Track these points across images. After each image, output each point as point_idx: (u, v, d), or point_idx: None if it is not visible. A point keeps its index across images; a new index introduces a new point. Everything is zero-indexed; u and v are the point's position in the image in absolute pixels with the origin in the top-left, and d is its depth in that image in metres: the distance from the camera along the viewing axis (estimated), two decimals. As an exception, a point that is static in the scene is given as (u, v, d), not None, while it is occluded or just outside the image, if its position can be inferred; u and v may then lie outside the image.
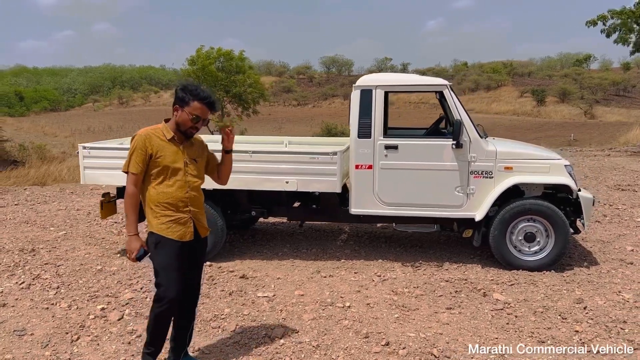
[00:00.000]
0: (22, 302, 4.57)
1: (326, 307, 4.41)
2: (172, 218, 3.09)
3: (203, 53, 19.45)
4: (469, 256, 5.71)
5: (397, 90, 5.62)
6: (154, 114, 47.59)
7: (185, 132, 3.11)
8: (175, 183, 3.09)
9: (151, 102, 62.17)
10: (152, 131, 3.10)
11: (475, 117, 27.84)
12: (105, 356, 3.64)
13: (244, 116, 21.29)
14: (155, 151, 3.03)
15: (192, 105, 3.03)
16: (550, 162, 5.18)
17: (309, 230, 6.92)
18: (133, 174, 3.03)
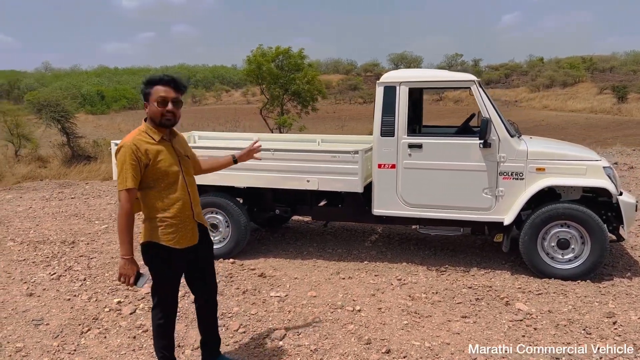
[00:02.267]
0: (48, 293, 4.77)
1: (335, 310, 4.30)
2: (179, 226, 2.93)
3: (259, 52, 19.66)
4: (500, 262, 5.39)
5: (422, 86, 5.39)
6: (224, 112, 48.82)
7: (162, 123, 2.89)
8: (176, 186, 2.93)
9: (222, 101, 63.90)
10: (138, 138, 2.85)
11: (549, 115, 26.58)
12: (108, 349, 3.73)
13: (302, 114, 21.36)
14: (151, 158, 2.83)
15: (153, 92, 2.86)
16: (587, 163, 4.78)
17: (340, 230, 6.81)
18: (130, 189, 2.77)
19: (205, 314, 3.31)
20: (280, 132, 20.77)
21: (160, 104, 2.86)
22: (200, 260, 3.18)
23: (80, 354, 3.65)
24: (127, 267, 2.82)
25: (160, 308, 3.03)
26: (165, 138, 2.96)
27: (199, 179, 5.49)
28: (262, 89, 21.32)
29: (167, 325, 3.09)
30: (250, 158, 3.55)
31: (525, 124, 31.24)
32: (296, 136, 7.09)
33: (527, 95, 45.52)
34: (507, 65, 58.54)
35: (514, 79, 52.96)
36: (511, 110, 40.15)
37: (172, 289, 3.06)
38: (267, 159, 5.32)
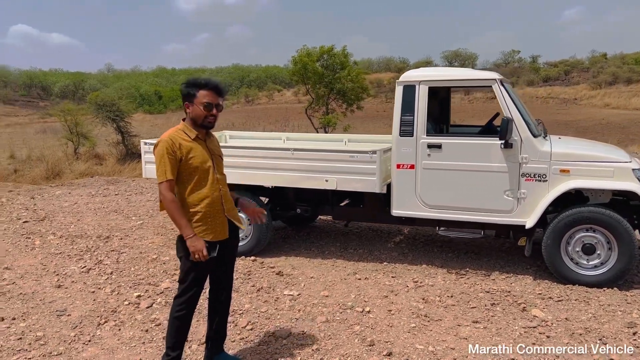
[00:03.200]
0: (76, 285, 5.00)
1: (344, 310, 4.29)
2: (208, 220, 3.05)
3: (304, 52, 19.77)
4: (524, 267, 5.22)
5: (442, 85, 5.27)
6: (276, 111, 49.52)
7: (204, 125, 3.06)
8: (208, 183, 3.05)
9: (274, 100, 64.65)
10: (175, 134, 3.02)
11: (610, 114, 25.43)
12: (120, 341, 3.87)
13: (348, 112, 21.32)
14: (184, 153, 2.97)
15: (199, 96, 3.00)
16: (615, 165, 4.55)
17: (365, 230, 6.78)
18: (169, 180, 2.94)
19: (219, 309, 3.38)
20: (325, 131, 20.84)
21: (206, 108, 3.03)
22: (227, 256, 3.28)
23: (94, 345, 3.81)
24: (195, 243, 2.94)
25: (185, 298, 3.13)
26: (200, 137, 3.11)
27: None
28: (307, 88, 21.43)
29: (187, 317, 3.17)
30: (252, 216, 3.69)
31: (584, 122, 30.09)
32: (324, 136, 7.11)
33: (587, 92, 43.62)
34: (568, 61, 56.17)
35: (574, 75, 50.83)
36: (570, 109, 38.64)
37: (201, 282, 3.16)
38: (286, 159, 5.38)
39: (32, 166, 17.53)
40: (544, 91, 46.48)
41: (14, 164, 18.32)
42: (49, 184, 12.32)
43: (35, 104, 56.70)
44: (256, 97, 66.59)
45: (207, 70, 77.36)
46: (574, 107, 39.11)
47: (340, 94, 20.48)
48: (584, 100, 42.02)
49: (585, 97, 42.47)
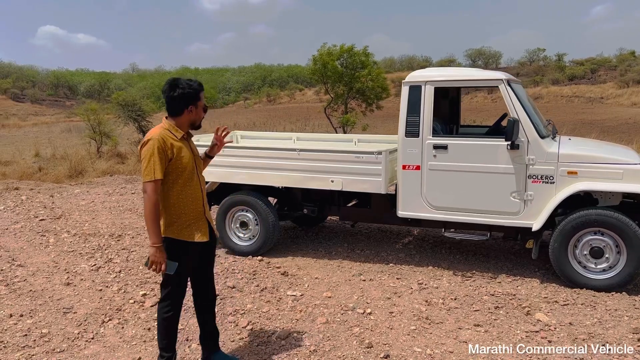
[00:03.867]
0: (84, 283, 5.09)
1: (346, 312, 4.28)
2: (193, 221, 3.07)
3: (324, 51, 19.76)
4: (532, 270, 5.14)
5: (448, 85, 5.21)
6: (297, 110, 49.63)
7: (197, 126, 3.14)
8: (193, 183, 3.07)
9: (296, 100, 64.79)
10: (164, 133, 2.99)
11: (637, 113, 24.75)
12: (123, 339, 3.93)
13: (367, 112, 21.26)
14: (175, 153, 2.97)
15: (201, 97, 3.07)
16: (624, 167, 4.45)
17: (374, 231, 6.75)
18: (157, 180, 2.90)
19: (204, 308, 3.41)
20: (344, 131, 20.81)
21: (204, 110, 3.12)
22: (206, 257, 3.31)
23: (96, 342, 3.88)
24: (158, 254, 2.92)
25: (169, 301, 3.15)
26: (185, 137, 3.13)
27: (229, 178, 5.67)
28: (326, 87, 21.42)
29: (174, 319, 3.20)
30: (222, 145, 3.53)
31: (609, 122, 29.43)
32: (334, 136, 7.11)
33: (614, 91, 42.70)
34: (594, 59, 55.09)
35: (600, 74, 49.79)
36: (595, 108, 37.85)
37: (183, 283, 3.19)
38: (292, 159, 5.39)
39: (56, 164, 17.89)
40: (569, 90, 45.62)
41: (38, 162, 18.71)
42: (71, 182, 12.56)
43: (62, 104, 57.90)
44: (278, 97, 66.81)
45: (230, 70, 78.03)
46: (599, 106, 38.30)
47: (359, 93, 20.42)
48: (610, 99, 41.14)
49: (612, 95, 41.58)
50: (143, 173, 2.94)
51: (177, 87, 3.01)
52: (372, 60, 20.76)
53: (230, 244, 5.82)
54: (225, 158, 5.62)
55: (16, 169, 16.25)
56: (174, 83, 3.03)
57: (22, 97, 55.51)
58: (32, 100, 55.38)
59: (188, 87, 3.02)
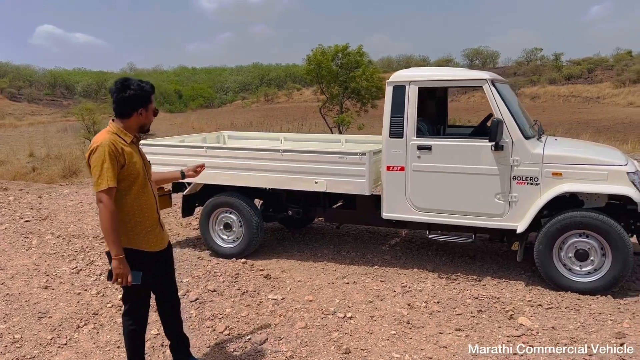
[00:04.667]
0: (63, 286, 5.01)
1: (326, 316, 4.20)
2: (149, 229, 2.96)
3: (319, 50, 19.70)
4: (518, 272, 5.07)
5: (432, 85, 5.13)
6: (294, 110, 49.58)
7: (145, 129, 2.99)
8: (147, 189, 2.95)
9: (293, 99, 64.69)
10: (113, 138, 2.83)
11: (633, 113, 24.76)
12: (96, 345, 3.85)
13: (363, 112, 21.20)
14: (126, 158, 2.83)
15: (152, 100, 2.93)
16: (608, 168, 4.37)
17: (362, 233, 6.68)
18: (112, 187, 2.75)
19: (169, 317, 3.33)
20: (339, 130, 20.75)
21: (154, 113, 2.99)
22: (166, 264, 3.21)
23: (68, 348, 3.80)
24: (121, 266, 2.80)
25: (133, 314, 3.05)
26: (134, 141, 2.99)
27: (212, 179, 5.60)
28: (321, 87, 21.36)
29: (140, 332, 3.10)
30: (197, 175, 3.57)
31: (605, 121, 29.42)
32: (322, 136, 7.03)
33: (611, 91, 42.67)
34: (591, 59, 54.99)
35: (597, 73, 49.73)
36: (592, 107, 37.81)
37: (146, 294, 3.09)
38: (276, 160, 5.32)
39: (50, 164, 17.80)
40: (566, 89, 45.59)
41: (32, 162, 18.61)
42: (64, 182, 12.46)
43: (58, 103, 57.77)
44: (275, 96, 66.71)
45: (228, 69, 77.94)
46: (596, 106, 38.27)
47: (354, 93, 20.37)
48: (607, 98, 41.11)
49: (609, 95, 41.55)
50: (96, 182, 2.76)
51: (127, 88, 2.84)
52: (367, 59, 20.73)
53: (213, 246, 5.74)
54: (208, 159, 5.54)
55: (10, 169, 16.15)
56: (124, 83, 2.86)
57: (19, 96, 55.37)
58: (29, 100, 55.26)
59: (139, 89, 2.86)
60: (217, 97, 68.54)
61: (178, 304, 3.35)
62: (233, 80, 70.84)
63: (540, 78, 49.08)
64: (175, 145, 5.85)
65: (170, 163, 5.77)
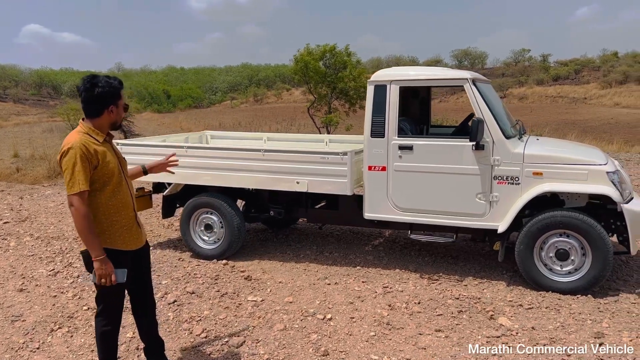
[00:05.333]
0: (39, 289, 4.92)
1: (306, 317, 4.15)
2: (125, 228, 2.92)
3: (306, 51, 19.63)
4: (500, 272, 5.05)
5: (413, 85, 5.09)
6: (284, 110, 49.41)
7: (120, 125, 2.98)
8: (122, 188, 2.91)
9: (283, 99, 64.60)
10: (85, 138, 2.78)
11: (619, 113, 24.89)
12: (69, 349, 3.77)
13: (351, 112, 21.15)
14: (100, 159, 2.78)
15: (122, 95, 2.87)
16: (588, 167, 4.37)
17: (345, 233, 6.64)
18: (84, 191, 2.70)
19: (145, 319, 3.26)
20: (327, 131, 20.70)
21: (125, 108, 2.95)
22: (143, 263, 3.16)
23: (41, 353, 3.72)
24: (104, 266, 2.75)
25: (107, 314, 2.99)
26: (107, 140, 2.94)
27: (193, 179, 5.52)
28: (309, 87, 21.29)
29: (113, 333, 3.04)
30: (163, 170, 3.45)
31: (591, 122, 29.64)
32: (306, 136, 6.98)
33: (597, 91, 43.07)
34: (578, 60, 55.46)
35: (584, 74, 50.19)
36: (578, 108, 38.11)
37: (121, 295, 3.03)
38: (257, 160, 5.26)
39: (34, 165, 17.58)
40: (553, 90, 45.93)
41: (17, 163, 18.37)
42: (48, 183, 12.30)
43: (45, 103, 57.15)
44: (265, 96, 66.56)
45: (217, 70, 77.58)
46: (583, 107, 38.57)
47: (342, 93, 20.31)
48: (593, 99, 41.47)
49: (595, 96, 41.93)
50: (67, 185, 2.69)
51: (96, 86, 2.78)
52: (355, 60, 20.68)
53: (194, 248, 5.67)
54: (189, 159, 5.49)
55: (-7, 170, 15.93)
56: (92, 81, 2.79)
57: (5, 96, 54.72)
58: (15, 100, 54.62)
59: (108, 86, 2.81)
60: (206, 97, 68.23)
61: (153, 305, 3.29)
62: (222, 81, 70.52)
63: (528, 79, 49.42)
64: (155, 145, 5.77)
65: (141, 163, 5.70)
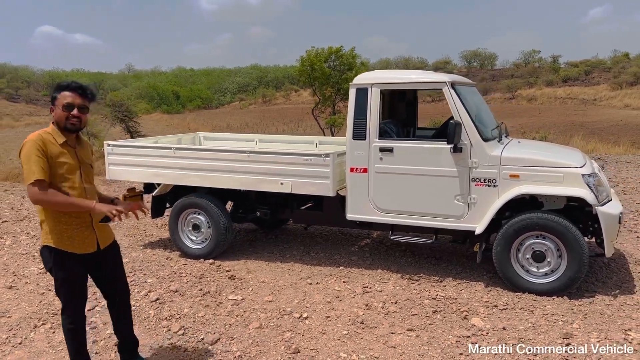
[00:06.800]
0: (28, 287, 5.04)
1: (282, 316, 4.23)
2: (72, 230, 2.94)
3: (312, 52, 19.74)
4: (480, 273, 5.10)
5: (393, 88, 5.16)
6: (291, 111, 49.56)
7: (67, 127, 2.93)
8: (73, 191, 2.91)
9: (291, 100, 64.76)
10: (44, 135, 2.88)
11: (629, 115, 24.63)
12: (50, 345, 3.88)
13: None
14: (52, 157, 2.85)
15: (60, 97, 2.90)
16: (564, 170, 4.41)
17: (334, 234, 6.71)
18: (40, 180, 2.75)
19: (118, 317, 3.34)
20: (331, 132, 20.79)
21: (66, 108, 2.91)
22: (105, 266, 3.20)
23: (22, 348, 3.83)
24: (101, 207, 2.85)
25: (68, 312, 3.06)
26: (69, 143, 2.99)
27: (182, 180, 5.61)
28: (314, 89, 21.39)
29: (77, 331, 3.11)
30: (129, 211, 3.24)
31: (600, 124, 29.42)
32: (297, 138, 7.06)
33: (607, 93, 42.68)
34: (589, 61, 55.03)
35: (594, 76, 49.78)
36: (588, 110, 37.82)
37: (73, 293, 3.04)
38: (243, 161, 5.35)
39: (42, 165, 17.82)
40: (563, 91, 45.61)
41: (24, 163, 18.60)
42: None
43: (56, 104, 57.84)
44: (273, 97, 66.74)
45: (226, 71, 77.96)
46: (592, 108, 38.28)
47: (347, 94, 20.38)
48: (603, 101, 41.14)
49: (605, 97, 41.58)
50: (25, 177, 2.77)
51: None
52: (360, 61, 20.75)
53: (182, 247, 5.77)
54: (178, 160, 5.60)
55: (1, 170, 16.16)
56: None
57: (17, 97, 55.46)
58: (27, 101, 55.33)
59: (55, 86, 2.96)
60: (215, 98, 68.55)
61: (125, 305, 3.36)
62: (231, 82, 70.89)
63: (537, 80, 49.11)
64: (144, 147, 5.89)
65: (141, 164, 5.83)
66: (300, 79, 21.90)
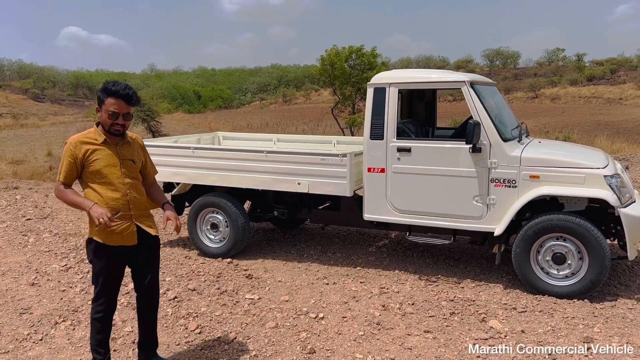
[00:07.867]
0: (50, 284, 5.13)
1: (298, 316, 4.24)
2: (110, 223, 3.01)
3: (333, 51, 19.73)
4: (499, 275, 5.03)
5: (411, 87, 5.11)
6: (311, 111, 49.61)
7: (111, 132, 3.06)
8: (111, 186, 3.05)
9: (311, 100, 64.81)
10: (82, 137, 3.06)
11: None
12: (70, 341, 3.94)
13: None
14: (86, 156, 3.01)
15: (107, 103, 3.00)
16: (585, 171, 4.33)
17: (352, 234, 6.69)
18: (62, 182, 3.07)
19: (143, 314, 3.38)
20: (351, 132, 20.76)
21: (111, 116, 3.03)
22: (141, 262, 3.27)
23: (43, 344, 3.90)
24: (96, 209, 2.94)
25: (99, 301, 3.16)
26: (110, 141, 3.10)
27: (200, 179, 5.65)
28: (334, 88, 21.38)
29: (104, 320, 3.19)
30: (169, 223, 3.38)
31: (625, 123, 28.84)
32: (315, 137, 7.07)
33: (634, 92, 41.84)
34: (614, 60, 54.04)
35: (620, 74, 48.83)
36: (613, 109, 37.12)
37: (107, 284, 3.14)
38: (260, 161, 5.37)
39: (65, 164, 18.15)
40: (587, 90, 44.82)
41: (50, 162, 18.99)
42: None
43: (81, 103, 58.79)
44: (293, 97, 66.88)
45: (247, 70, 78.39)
46: (618, 107, 37.56)
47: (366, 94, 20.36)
48: (629, 100, 40.32)
49: (631, 96, 40.75)
50: (58, 173, 3.08)
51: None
52: (382, 61, 20.69)
53: (200, 246, 5.82)
54: (197, 160, 5.64)
55: (27, 168, 16.53)
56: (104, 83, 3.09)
57: (42, 97, 56.49)
58: (52, 100, 56.33)
59: (99, 91, 3.07)
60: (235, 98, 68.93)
61: (153, 303, 3.39)
62: (252, 82, 71.24)
63: (561, 79, 48.37)
64: (163, 146, 5.94)
65: (160, 163, 5.86)
66: (320, 78, 21.93)
